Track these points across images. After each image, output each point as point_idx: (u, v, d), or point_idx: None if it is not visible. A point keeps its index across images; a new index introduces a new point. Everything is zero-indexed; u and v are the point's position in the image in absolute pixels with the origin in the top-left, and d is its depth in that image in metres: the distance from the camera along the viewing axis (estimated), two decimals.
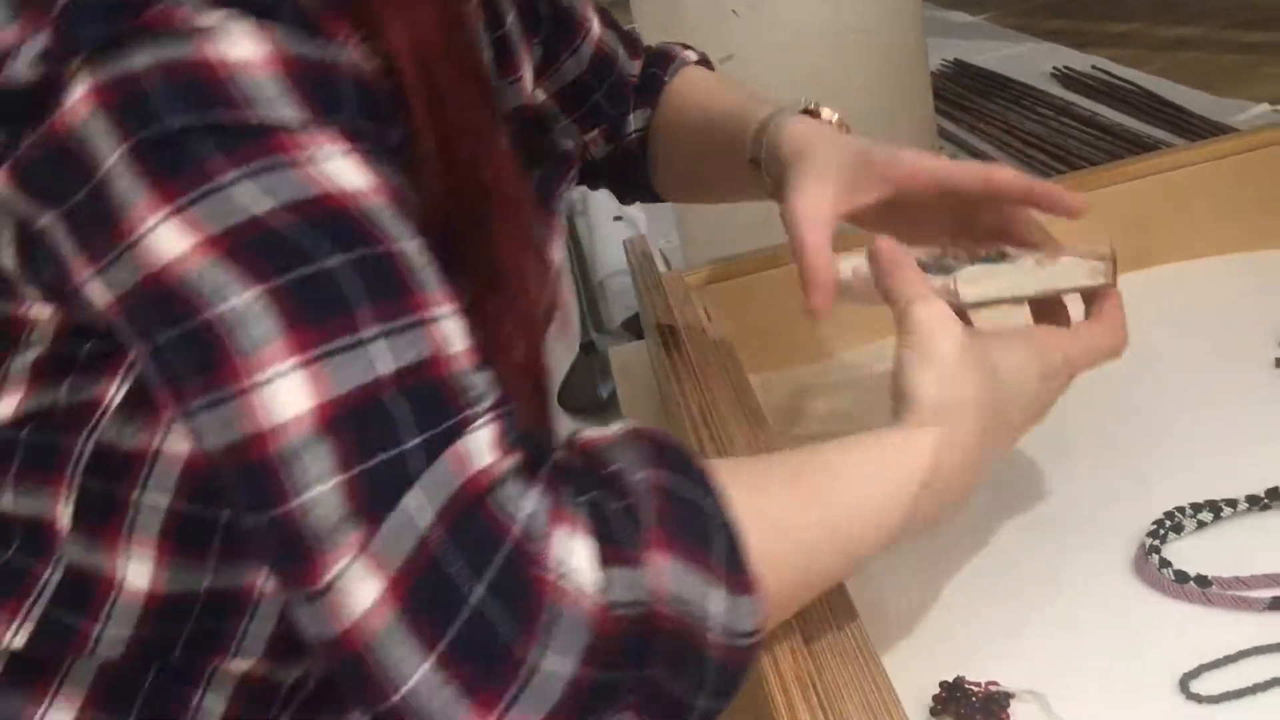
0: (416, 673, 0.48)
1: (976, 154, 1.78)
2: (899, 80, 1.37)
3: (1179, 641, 0.69)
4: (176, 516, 0.60)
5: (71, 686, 0.62)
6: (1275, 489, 0.78)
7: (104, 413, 0.59)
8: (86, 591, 0.61)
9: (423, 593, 0.48)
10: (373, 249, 0.51)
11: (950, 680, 0.68)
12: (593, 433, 0.57)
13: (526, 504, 0.50)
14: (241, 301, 0.49)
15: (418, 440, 0.50)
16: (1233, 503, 0.78)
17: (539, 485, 0.51)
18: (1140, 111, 1.79)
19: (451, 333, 0.52)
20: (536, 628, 0.49)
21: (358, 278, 0.50)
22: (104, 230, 0.51)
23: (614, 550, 0.51)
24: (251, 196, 0.50)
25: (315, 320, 0.49)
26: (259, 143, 0.51)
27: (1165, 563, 0.74)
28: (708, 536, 0.54)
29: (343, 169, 0.52)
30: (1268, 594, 0.71)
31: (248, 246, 0.49)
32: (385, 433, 0.49)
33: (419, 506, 0.49)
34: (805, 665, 0.60)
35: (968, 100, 2.00)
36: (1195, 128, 1.67)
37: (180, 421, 0.53)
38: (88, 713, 0.61)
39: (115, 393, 0.59)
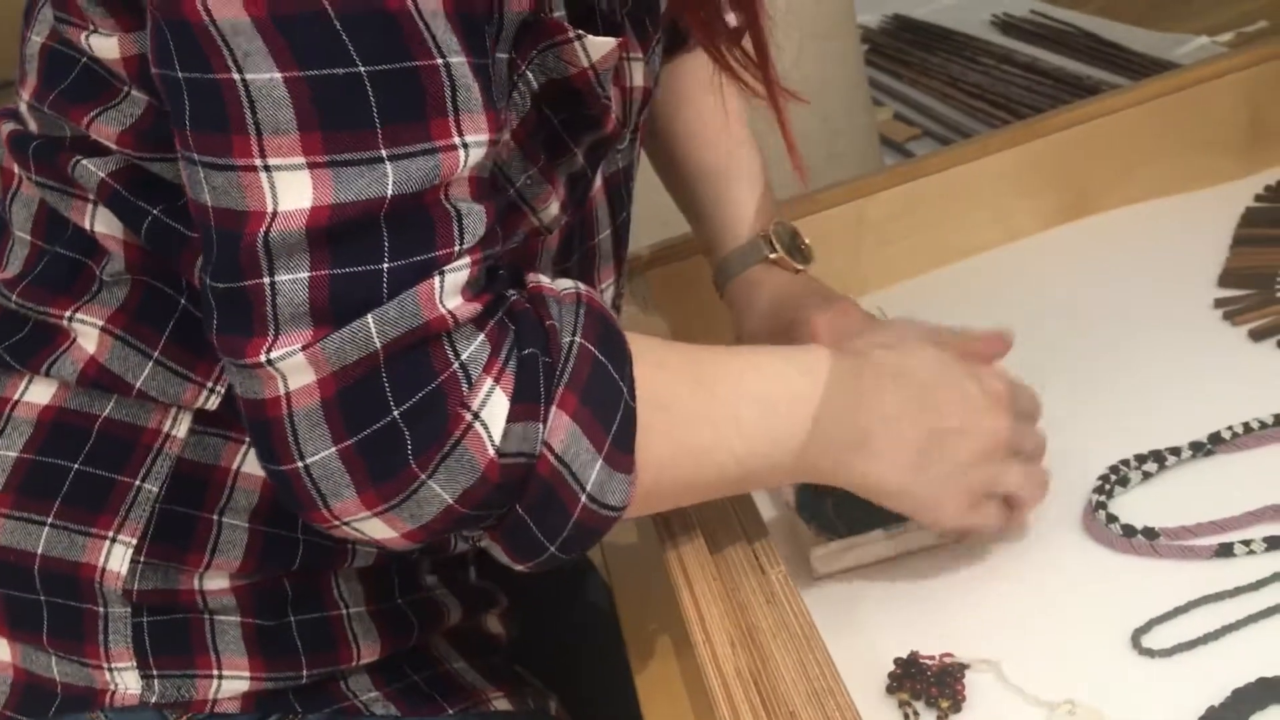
0: (321, 454, 0.54)
1: (920, 109, 1.77)
2: (828, 46, 1.36)
3: (1130, 596, 0.69)
4: None
5: None
6: (1217, 434, 0.77)
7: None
8: None
9: (350, 397, 0.53)
10: (412, 63, 0.51)
11: (904, 656, 0.68)
12: (547, 282, 0.61)
13: (468, 350, 0.55)
14: (268, 80, 0.50)
15: (396, 264, 0.52)
16: (1176, 451, 0.77)
17: (483, 334, 0.56)
18: (1080, 53, 1.78)
19: (464, 161, 0.53)
20: (436, 457, 0.54)
21: (388, 92, 0.51)
22: None
23: (525, 407, 0.56)
24: None
25: (334, 126, 0.50)
26: None
27: (1112, 518, 0.73)
28: (610, 411, 0.59)
29: None
30: (1214, 541, 0.71)
31: (287, 23, 0.49)
32: (369, 250, 0.52)
33: (375, 328, 0.53)
34: (747, 659, 0.60)
35: (909, 55, 1.99)
36: (1135, 66, 1.66)
37: (182, 163, 0.54)
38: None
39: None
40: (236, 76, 0.50)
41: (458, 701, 0.73)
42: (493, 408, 0.55)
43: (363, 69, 0.50)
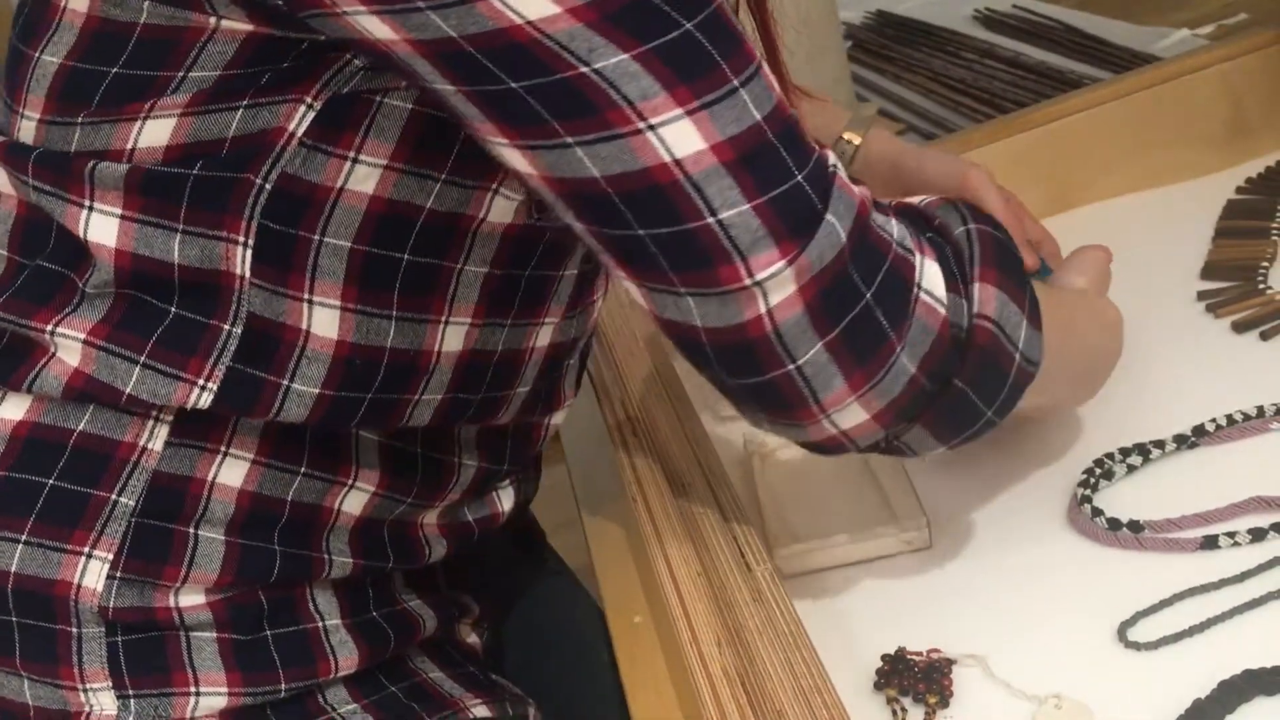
0: (810, 351, 0.59)
1: (903, 104, 1.77)
2: (812, 42, 1.36)
3: (1116, 590, 0.69)
4: (359, 258, 0.62)
5: (244, 436, 0.65)
6: (1201, 426, 0.78)
7: (287, 142, 0.60)
8: (271, 344, 0.63)
9: (830, 293, 0.59)
10: (710, 9, 0.55)
11: (891, 652, 0.68)
12: (913, 200, 0.68)
13: (894, 229, 0.62)
14: (618, 62, 0.53)
15: (805, 171, 0.58)
16: (1161, 444, 0.78)
17: (892, 217, 0.62)
18: (1062, 47, 1.79)
19: (774, 77, 0.58)
20: (904, 329, 0.61)
21: (713, 34, 0.55)
22: None
23: (953, 282, 0.63)
24: None
25: (692, 78, 0.55)
26: None
27: (1097, 511, 0.74)
28: (1022, 280, 0.65)
29: None
30: (1199, 533, 0.71)
31: (614, 16, 0.53)
32: (778, 167, 0.57)
33: (835, 230, 0.58)
34: (734, 657, 0.60)
35: (892, 50, 1.99)
36: (1117, 60, 1.66)
37: (526, 153, 0.56)
38: (259, 464, 0.66)
39: (299, 122, 0.60)
40: (586, 69, 0.53)
41: (436, 710, 0.72)
42: (931, 278, 0.62)
43: (689, 25, 0.55)
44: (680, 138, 0.55)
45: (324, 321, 0.63)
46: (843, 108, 0.98)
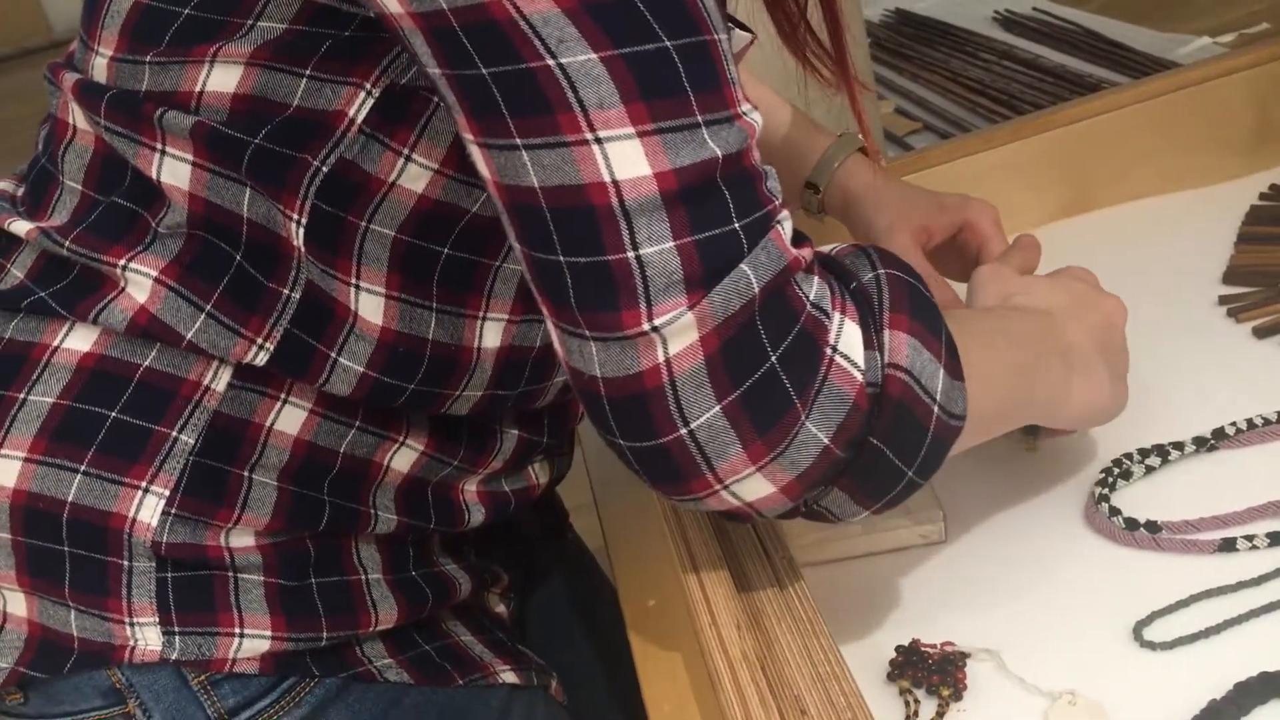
0: (706, 414, 0.55)
1: (922, 103, 1.77)
2: None
3: (1132, 589, 0.69)
4: (401, 247, 0.62)
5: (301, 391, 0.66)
6: (1221, 429, 0.78)
7: (348, 128, 0.60)
8: (324, 316, 0.63)
9: (732, 350, 0.55)
10: (703, 37, 0.53)
11: (906, 644, 0.68)
12: (822, 248, 0.63)
13: (813, 289, 0.57)
14: (584, 60, 0.51)
15: (745, 220, 0.55)
16: (1180, 446, 0.78)
17: (817, 275, 0.58)
18: (1082, 51, 1.79)
19: (758, 124, 0.57)
20: (810, 396, 0.56)
21: (692, 63, 0.53)
22: None
23: (868, 336, 0.58)
24: None
25: (654, 96, 0.52)
26: None
27: (1115, 511, 0.73)
28: (936, 325, 0.61)
29: None
30: (1217, 535, 0.71)
31: (595, 9, 0.51)
32: (720, 210, 0.54)
33: (752, 275, 0.54)
34: (753, 641, 0.60)
35: (910, 49, 1.99)
36: (1137, 65, 1.66)
37: (485, 152, 0.55)
38: (316, 414, 0.66)
39: (359, 109, 0.60)
40: (551, 62, 0.51)
41: (466, 672, 0.73)
42: (848, 339, 0.58)
43: (669, 43, 0.52)
44: (624, 158, 0.52)
45: (370, 307, 0.64)
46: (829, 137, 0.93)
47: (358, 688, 0.69)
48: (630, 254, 0.53)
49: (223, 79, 0.61)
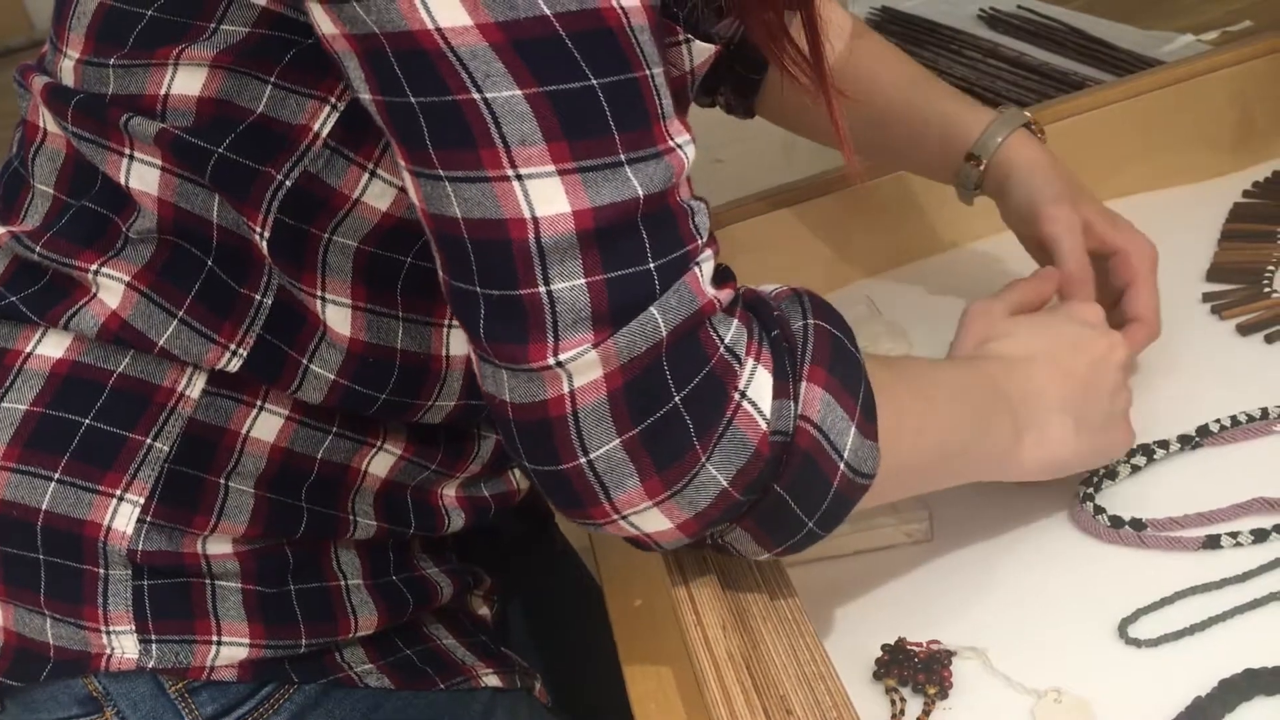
0: (605, 447, 0.55)
1: None
2: None
3: (1117, 587, 0.69)
4: (364, 258, 0.63)
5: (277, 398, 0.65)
6: (1205, 427, 0.78)
7: (312, 142, 0.60)
8: (297, 322, 0.63)
9: (636, 388, 0.55)
10: (632, 74, 0.53)
11: (891, 643, 0.68)
12: (757, 287, 0.63)
13: (729, 333, 0.57)
14: (509, 97, 0.51)
15: (660, 261, 0.55)
16: (1164, 444, 0.78)
17: (736, 318, 0.58)
18: (1067, 49, 1.79)
19: (687, 160, 0.56)
20: (714, 437, 0.56)
21: (618, 101, 0.53)
22: None
23: (781, 385, 0.58)
24: None
25: (577, 135, 0.52)
26: None
27: (1100, 509, 0.73)
28: (855, 382, 0.60)
29: None
30: (1201, 533, 0.71)
31: (523, 46, 0.51)
32: (635, 250, 0.54)
33: (660, 318, 0.54)
34: (738, 641, 0.60)
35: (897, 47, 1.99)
36: (1122, 63, 1.66)
37: (413, 178, 0.55)
38: (293, 420, 0.66)
39: (324, 122, 0.60)
40: (477, 96, 0.51)
41: (449, 677, 0.73)
42: (758, 386, 0.57)
43: (595, 81, 0.52)
44: (544, 195, 0.52)
45: (337, 318, 0.63)
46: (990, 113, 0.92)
47: (338, 693, 0.69)
48: (542, 289, 0.53)
49: (187, 82, 0.60)
